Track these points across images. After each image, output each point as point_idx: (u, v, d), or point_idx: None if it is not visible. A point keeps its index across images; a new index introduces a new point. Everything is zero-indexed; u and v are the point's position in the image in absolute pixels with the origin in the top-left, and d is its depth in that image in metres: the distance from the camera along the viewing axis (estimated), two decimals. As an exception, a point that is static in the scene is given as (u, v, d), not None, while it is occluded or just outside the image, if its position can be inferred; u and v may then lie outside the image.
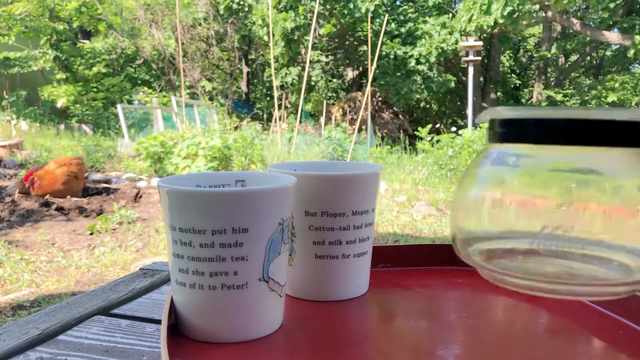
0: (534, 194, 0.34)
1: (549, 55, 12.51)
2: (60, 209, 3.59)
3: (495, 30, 10.04)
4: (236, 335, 0.39)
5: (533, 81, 14.35)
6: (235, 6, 11.14)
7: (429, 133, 6.43)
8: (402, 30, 10.61)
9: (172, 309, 0.41)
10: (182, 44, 10.81)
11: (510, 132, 0.34)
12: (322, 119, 8.76)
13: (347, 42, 11.64)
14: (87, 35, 12.81)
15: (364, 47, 10.90)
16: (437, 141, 6.22)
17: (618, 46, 11.85)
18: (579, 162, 0.33)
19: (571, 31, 11.99)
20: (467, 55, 8.80)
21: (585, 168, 0.33)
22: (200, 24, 11.70)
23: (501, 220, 0.35)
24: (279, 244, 0.39)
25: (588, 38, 11.33)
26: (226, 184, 0.45)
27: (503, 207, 0.35)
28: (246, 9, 11.16)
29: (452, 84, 10.51)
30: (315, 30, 10.63)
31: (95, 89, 11.45)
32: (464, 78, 11.12)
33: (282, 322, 0.42)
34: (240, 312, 0.38)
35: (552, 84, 13.30)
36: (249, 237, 0.37)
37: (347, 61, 12.10)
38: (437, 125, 10.78)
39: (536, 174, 0.34)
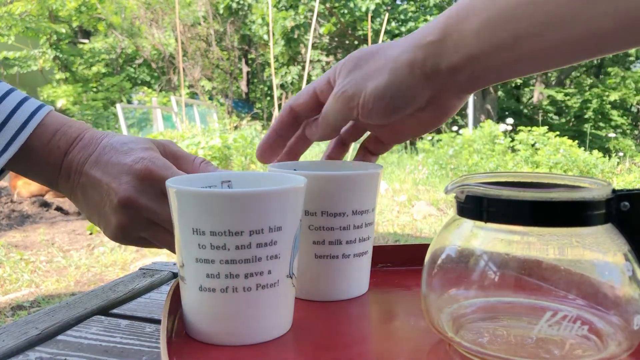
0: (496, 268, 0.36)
1: (549, 55, 12.49)
2: (59, 209, 3.59)
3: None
4: (267, 334, 0.39)
5: (534, 80, 14.36)
6: (235, 5, 11.14)
7: (429, 132, 6.43)
8: (403, 29, 10.60)
9: (172, 311, 0.41)
10: (182, 43, 10.81)
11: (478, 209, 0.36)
12: (322, 119, 8.74)
13: (347, 42, 11.63)
14: (87, 35, 12.82)
15: (364, 46, 10.89)
16: (438, 140, 6.22)
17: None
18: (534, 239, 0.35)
19: (571, 30, 11.97)
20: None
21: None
22: (200, 24, 11.70)
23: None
24: (298, 241, 0.40)
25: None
26: (212, 185, 0.44)
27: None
28: (246, 8, 11.16)
29: (452, 83, 10.49)
30: (315, 29, 10.63)
31: (95, 89, 11.44)
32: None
33: None
34: (272, 310, 0.39)
35: (553, 83, 13.31)
36: (281, 235, 0.38)
37: (347, 60, 12.08)
38: (437, 125, 10.75)
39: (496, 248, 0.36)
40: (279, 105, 8.51)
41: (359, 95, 0.43)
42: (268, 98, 12.85)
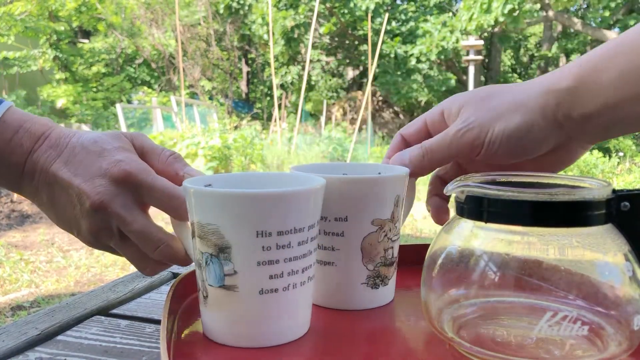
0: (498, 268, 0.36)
1: (550, 55, 12.51)
2: (60, 209, 3.58)
3: (496, 29, 10.04)
4: (306, 326, 0.41)
5: (533, 80, 14.33)
6: (235, 5, 11.14)
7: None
8: (403, 29, 10.61)
9: (172, 311, 0.41)
10: (182, 43, 10.81)
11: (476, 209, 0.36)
12: (322, 119, 8.76)
13: (347, 41, 11.63)
14: (87, 35, 12.81)
15: (364, 46, 10.90)
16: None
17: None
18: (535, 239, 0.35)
19: (572, 30, 11.99)
20: (467, 54, 8.80)
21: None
22: (200, 24, 11.70)
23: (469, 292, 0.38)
24: None
25: (589, 37, 11.33)
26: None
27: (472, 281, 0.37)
28: (246, 8, 11.16)
29: (453, 82, 10.51)
30: (315, 29, 10.63)
31: (94, 89, 11.44)
32: (464, 77, 11.12)
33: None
34: (310, 300, 0.41)
35: (552, 83, 13.28)
36: (316, 229, 0.40)
37: (347, 60, 12.10)
38: (437, 125, 10.75)
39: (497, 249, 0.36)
40: (279, 105, 8.51)
41: (485, 134, 0.42)
42: (268, 98, 12.85)
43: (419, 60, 10.26)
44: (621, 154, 7.42)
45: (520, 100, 0.42)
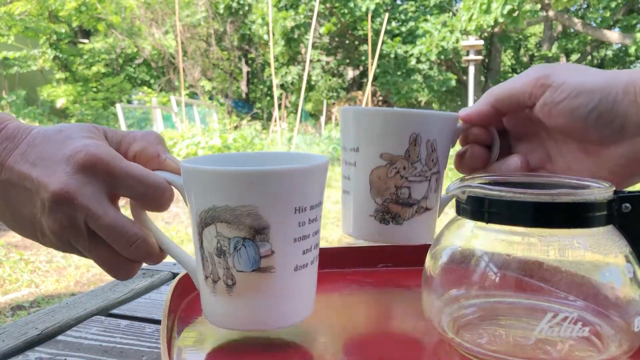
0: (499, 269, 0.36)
1: (550, 55, 12.51)
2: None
3: (496, 29, 10.04)
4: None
5: (533, 80, 14.34)
6: (235, 5, 11.14)
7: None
8: (403, 29, 10.61)
9: (172, 310, 0.41)
10: (182, 43, 10.81)
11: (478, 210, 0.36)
12: (322, 119, 8.76)
13: (347, 41, 11.64)
14: (87, 35, 12.81)
15: (364, 46, 10.90)
16: (437, 141, 6.18)
17: (619, 45, 11.85)
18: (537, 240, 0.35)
19: (572, 30, 11.99)
20: (467, 54, 8.80)
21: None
22: (200, 24, 11.70)
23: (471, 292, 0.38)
24: None
25: (589, 37, 11.33)
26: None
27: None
28: (246, 7, 11.17)
29: (453, 82, 10.52)
30: (315, 29, 10.64)
31: (94, 89, 11.44)
32: (464, 77, 11.12)
33: None
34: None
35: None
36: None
37: (347, 60, 12.10)
38: (437, 125, 10.75)
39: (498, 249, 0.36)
40: (279, 105, 8.51)
41: (558, 80, 0.41)
42: (268, 98, 12.85)
43: (419, 61, 10.26)
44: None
45: (607, 71, 0.41)
